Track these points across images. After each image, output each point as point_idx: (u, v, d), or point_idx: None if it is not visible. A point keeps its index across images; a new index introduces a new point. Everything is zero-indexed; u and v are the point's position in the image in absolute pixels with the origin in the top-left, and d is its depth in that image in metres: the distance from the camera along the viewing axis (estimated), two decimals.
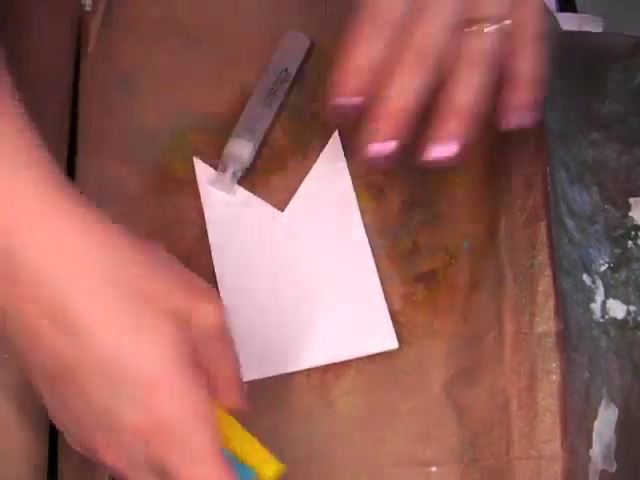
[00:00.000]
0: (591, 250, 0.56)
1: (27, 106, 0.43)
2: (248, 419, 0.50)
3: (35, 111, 0.54)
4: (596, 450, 0.51)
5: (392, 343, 0.52)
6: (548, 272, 0.53)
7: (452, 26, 0.44)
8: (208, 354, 0.39)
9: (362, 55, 0.45)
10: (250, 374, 0.51)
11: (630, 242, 0.57)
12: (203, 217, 0.54)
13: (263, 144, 0.56)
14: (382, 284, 0.53)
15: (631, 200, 0.58)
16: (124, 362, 0.37)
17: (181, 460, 0.38)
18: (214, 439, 0.38)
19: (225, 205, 0.55)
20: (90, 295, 0.37)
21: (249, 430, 0.46)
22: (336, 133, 0.57)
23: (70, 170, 0.54)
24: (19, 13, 0.56)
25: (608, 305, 0.55)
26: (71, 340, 0.37)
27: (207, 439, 0.38)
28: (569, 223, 0.56)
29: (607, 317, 0.55)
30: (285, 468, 0.45)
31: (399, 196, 0.56)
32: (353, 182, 0.56)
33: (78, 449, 0.42)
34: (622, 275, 0.56)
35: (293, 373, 0.52)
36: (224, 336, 0.40)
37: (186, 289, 0.39)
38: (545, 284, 0.53)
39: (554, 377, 0.52)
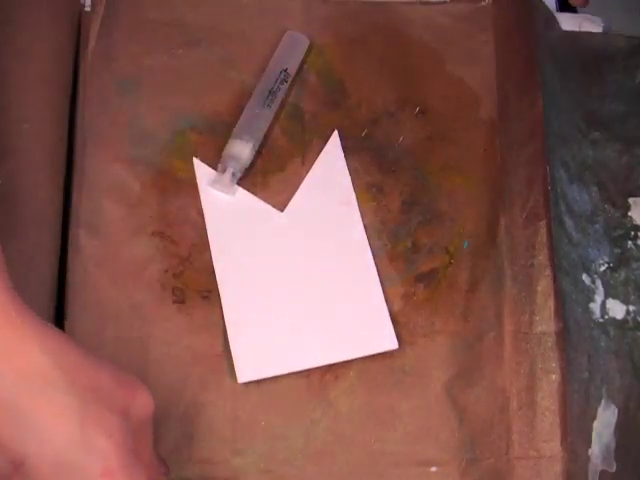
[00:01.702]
0: (590, 250, 0.56)
1: (26, 106, 0.43)
2: (248, 420, 0.51)
3: (35, 111, 0.54)
4: (595, 450, 0.51)
5: (392, 343, 0.52)
6: (548, 272, 0.53)
7: None
8: (139, 438, 0.43)
9: None
10: (250, 375, 0.51)
11: (629, 242, 0.57)
12: (203, 217, 0.54)
13: (263, 144, 0.56)
14: (382, 284, 0.54)
15: (630, 200, 0.58)
16: (78, 454, 0.40)
17: None
18: None
19: (225, 205, 0.55)
20: (40, 394, 0.40)
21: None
22: (336, 133, 0.57)
23: (70, 170, 0.54)
24: (18, 13, 0.56)
25: (608, 305, 0.55)
26: (25, 435, 0.39)
27: None
28: (569, 223, 0.56)
29: (607, 317, 0.55)
30: None
31: (399, 196, 0.56)
32: (353, 182, 0.56)
33: None
34: (622, 275, 0.56)
35: (293, 373, 0.52)
36: (152, 422, 0.44)
37: (124, 385, 0.43)
38: (545, 284, 0.53)
39: (554, 377, 0.52)
